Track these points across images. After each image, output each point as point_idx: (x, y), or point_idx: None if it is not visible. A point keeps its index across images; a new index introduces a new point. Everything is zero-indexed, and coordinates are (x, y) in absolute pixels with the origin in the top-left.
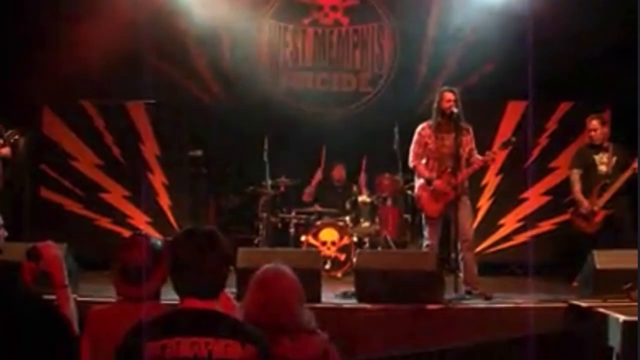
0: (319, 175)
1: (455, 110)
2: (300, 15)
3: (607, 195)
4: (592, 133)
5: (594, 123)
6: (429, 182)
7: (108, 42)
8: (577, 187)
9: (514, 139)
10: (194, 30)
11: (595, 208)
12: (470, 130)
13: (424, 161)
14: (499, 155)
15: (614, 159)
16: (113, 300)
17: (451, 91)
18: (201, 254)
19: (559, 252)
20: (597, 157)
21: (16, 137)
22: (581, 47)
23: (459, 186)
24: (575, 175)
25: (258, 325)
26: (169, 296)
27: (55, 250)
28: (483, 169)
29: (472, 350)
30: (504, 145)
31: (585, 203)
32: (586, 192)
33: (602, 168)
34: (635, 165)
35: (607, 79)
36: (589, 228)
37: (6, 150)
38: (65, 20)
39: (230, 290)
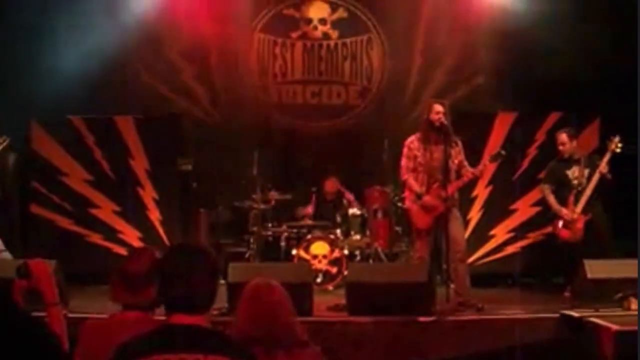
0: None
1: (444, 122)
2: (289, 28)
3: (582, 201)
4: (561, 147)
5: (563, 137)
6: (418, 196)
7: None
8: (551, 199)
9: (503, 152)
10: (182, 44)
11: (575, 216)
12: (459, 142)
13: (414, 175)
14: (488, 167)
15: (587, 171)
16: (105, 315)
17: (440, 103)
18: (190, 269)
19: (549, 263)
20: (569, 172)
21: (5, 143)
22: (570, 58)
23: (449, 199)
24: (547, 189)
25: (252, 339)
26: None
27: (45, 268)
28: (473, 181)
29: None
30: (494, 158)
31: (565, 210)
32: (562, 204)
33: (575, 182)
34: (603, 165)
35: (596, 89)
36: (573, 237)
37: None
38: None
39: (222, 306)
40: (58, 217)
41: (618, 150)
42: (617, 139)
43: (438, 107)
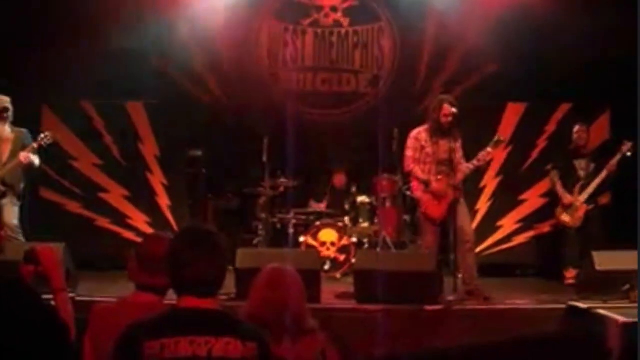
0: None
1: (452, 123)
2: (300, 15)
3: (588, 192)
4: (576, 136)
5: (579, 129)
6: (426, 184)
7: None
8: (558, 184)
9: (502, 139)
10: (193, 30)
11: (577, 203)
12: (460, 137)
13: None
14: (496, 156)
15: (593, 165)
16: (115, 299)
17: (450, 103)
18: (200, 252)
19: (557, 254)
20: (576, 162)
21: (50, 141)
22: (581, 48)
23: (457, 187)
24: (555, 175)
25: (262, 324)
26: None
27: (53, 254)
28: (480, 171)
29: (471, 351)
30: (494, 144)
31: (568, 196)
32: (568, 191)
33: (581, 173)
34: (613, 163)
35: (606, 80)
36: (572, 222)
37: (38, 162)
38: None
39: (230, 291)
40: (67, 201)
41: (629, 154)
42: (630, 143)
43: (448, 110)
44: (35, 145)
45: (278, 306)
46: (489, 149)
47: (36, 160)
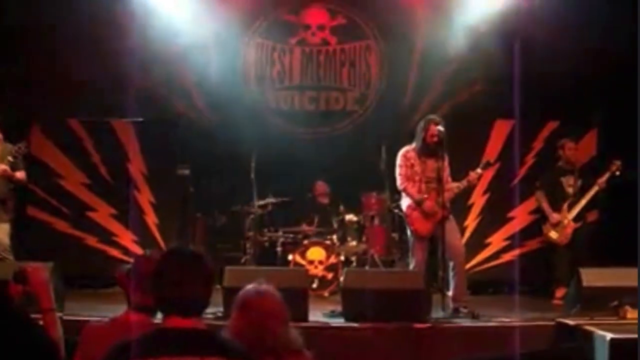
0: None
1: (439, 143)
2: (287, 34)
3: (576, 209)
4: (568, 153)
5: (570, 145)
6: (419, 203)
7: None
8: (544, 203)
9: (491, 162)
10: (180, 48)
11: (565, 221)
12: (446, 157)
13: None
14: (484, 174)
15: (579, 182)
16: (106, 318)
17: (437, 123)
18: (185, 273)
19: (545, 271)
20: (563, 179)
21: (25, 151)
22: (568, 67)
23: (445, 206)
24: (540, 195)
25: (244, 344)
26: None
27: (42, 274)
28: (468, 190)
29: None
30: (484, 166)
31: (555, 215)
32: (555, 209)
33: (569, 190)
34: (603, 180)
35: (594, 98)
36: (560, 239)
37: (22, 175)
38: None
39: (217, 310)
40: (55, 220)
41: (617, 173)
42: (619, 162)
43: (434, 130)
44: (10, 158)
45: (253, 329)
46: (478, 170)
47: (18, 174)
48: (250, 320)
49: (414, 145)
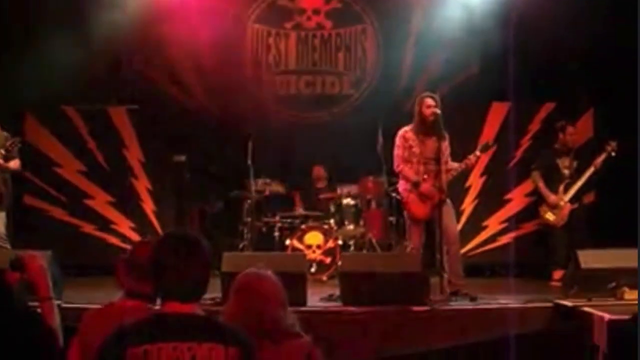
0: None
1: (436, 115)
2: (283, 19)
3: (572, 191)
4: (568, 137)
5: (571, 129)
6: (416, 185)
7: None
8: (540, 183)
9: (490, 143)
10: (176, 35)
11: (562, 202)
12: (447, 136)
13: (409, 165)
14: (481, 158)
15: (575, 162)
16: (100, 305)
17: (431, 97)
18: (183, 257)
19: (542, 253)
20: (559, 161)
21: (19, 145)
22: (564, 48)
23: (444, 188)
24: (537, 175)
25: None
26: None
27: (40, 262)
28: (465, 173)
29: (457, 351)
30: (483, 148)
31: (552, 196)
32: (551, 191)
33: (565, 172)
34: (599, 161)
35: (590, 80)
36: (557, 221)
37: (15, 164)
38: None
39: (216, 295)
40: (52, 208)
41: (613, 154)
42: (614, 143)
43: (429, 101)
44: (2, 151)
45: (252, 311)
46: (477, 153)
47: (12, 163)
48: (249, 303)
49: (411, 125)
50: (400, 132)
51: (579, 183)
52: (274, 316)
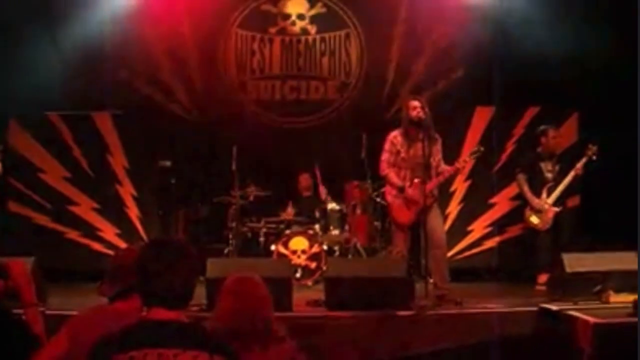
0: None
1: (423, 116)
2: (267, 24)
3: (555, 194)
4: (552, 141)
5: (552, 132)
6: (400, 190)
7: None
8: (525, 187)
9: (482, 149)
10: (160, 40)
11: (546, 206)
12: (439, 140)
13: (395, 170)
14: (468, 163)
15: (558, 166)
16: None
17: (416, 99)
18: (168, 264)
19: (527, 256)
20: (542, 165)
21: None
22: (548, 52)
23: (430, 194)
24: (522, 179)
25: (231, 332)
26: None
27: (24, 268)
28: (451, 177)
29: (443, 355)
30: (473, 153)
31: (536, 200)
32: (535, 194)
33: (548, 175)
34: (579, 166)
35: (574, 84)
36: (542, 224)
37: None
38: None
39: (201, 302)
40: (36, 215)
41: (594, 158)
42: (595, 147)
43: (414, 103)
44: None
45: (242, 315)
46: (467, 158)
47: None
48: (242, 304)
49: (401, 130)
50: (390, 136)
51: (561, 187)
52: (265, 318)
